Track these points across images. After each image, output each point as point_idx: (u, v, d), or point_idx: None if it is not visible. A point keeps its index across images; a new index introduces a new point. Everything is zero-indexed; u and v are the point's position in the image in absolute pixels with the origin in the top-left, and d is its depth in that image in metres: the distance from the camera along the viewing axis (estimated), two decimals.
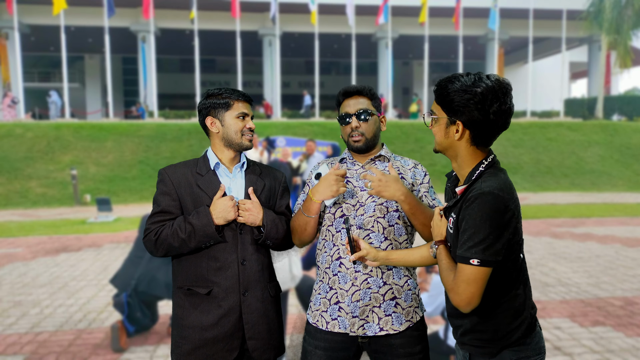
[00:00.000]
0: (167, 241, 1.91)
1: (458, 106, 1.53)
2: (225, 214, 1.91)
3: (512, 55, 33.88)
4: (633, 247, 7.89)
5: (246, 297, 1.96)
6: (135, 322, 4.08)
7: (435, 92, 1.61)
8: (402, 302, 1.96)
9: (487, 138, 1.58)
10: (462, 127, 1.56)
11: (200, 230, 1.89)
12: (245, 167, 2.09)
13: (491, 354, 1.61)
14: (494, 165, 1.60)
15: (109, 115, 24.53)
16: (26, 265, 6.87)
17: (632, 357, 3.84)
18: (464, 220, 1.51)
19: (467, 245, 1.48)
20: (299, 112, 26.09)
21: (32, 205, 13.78)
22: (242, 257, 1.97)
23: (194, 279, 1.96)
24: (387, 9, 24.35)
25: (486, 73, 1.58)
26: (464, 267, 1.49)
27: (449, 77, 1.58)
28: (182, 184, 1.99)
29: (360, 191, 1.99)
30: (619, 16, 23.87)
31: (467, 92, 1.51)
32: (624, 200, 14.29)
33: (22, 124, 18.86)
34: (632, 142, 20.73)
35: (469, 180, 1.58)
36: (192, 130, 18.63)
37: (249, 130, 2.03)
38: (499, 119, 1.53)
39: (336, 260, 1.98)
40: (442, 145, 1.63)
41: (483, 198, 1.47)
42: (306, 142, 10.09)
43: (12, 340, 4.24)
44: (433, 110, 1.63)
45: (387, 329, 1.93)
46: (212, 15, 25.34)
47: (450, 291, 1.54)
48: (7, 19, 23.18)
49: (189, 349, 1.94)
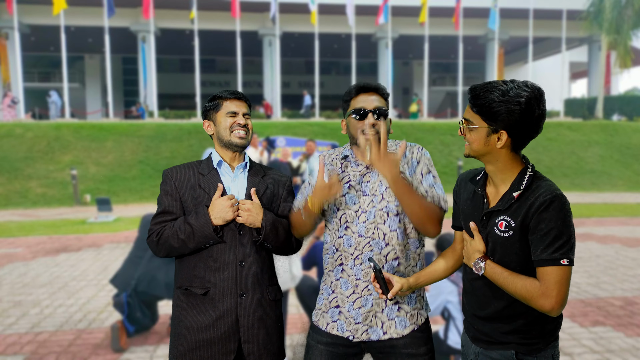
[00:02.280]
0: (168, 242, 1.92)
1: (504, 117, 1.55)
2: (223, 214, 1.90)
3: (512, 55, 33.87)
4: (633, 247, 7.89)
5: (243, 299, 1.94)
6: (135, 322, 4.08)
7: (473, 102, 1.60)
8: (405, 306, 1.94)
9: (524, 143, 1.62)
10: (507, 135, 1.58)
11: (199, 230, 1.88)
12: (249, 168, 2.08)
13: (538, 349, 1.66)
14: (534, 169, 1.65)
15: (109, 115, 24.54)
16: (26, 265, 6.87)
17: (632, 357, 3.84)
18: (542, 223, 1.53)
19: (553, 247, 1.52)
20: (299, 112, 26.09)
21: (32, 205, 13.78)
22: (241, 259, 1.95)
23: (192, 279, 1.96)
24: (387, 9, 24.35)
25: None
26: (554, 270, 1.52)
27: (486, 85, 1.58)
28: (184, 184, 1.99)
29: (362, 196, 1.94)
30: (619, 16, 23.87)
31: (511, 103, 1.53)
32: (624, 200, 14.29)
33: (22, 124, 18.85)
34: (632, 142, 20.73)
35: (518, 184, 1.61)
36: (192, 130, 18.63)
37: (239, 126, 2.00)
38: (538, 125, 1.58)
39: (339, 265, 1.97)
40: (480, 152, 1.64)
41: (559, 201, 1.53)
42: (306, 142, 10.10)
43: (12, 340, 4.24)
44: (469, 119, 1.63)
45: (391, 333, 1.91)
46: (212, 15, 25.34)
47: (541, 297, 1.53)
48: (7, 19, 23.18)
49: (184, 350, 1.92)
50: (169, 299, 4.14)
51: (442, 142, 19.22)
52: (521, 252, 1.60)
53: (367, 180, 1.96)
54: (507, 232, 1.61)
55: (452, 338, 3.36)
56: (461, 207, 1.80)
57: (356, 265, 1.91)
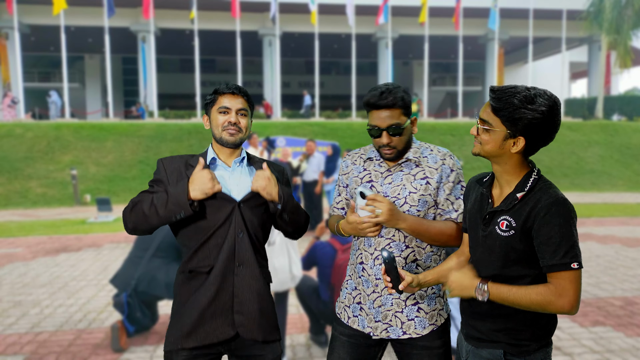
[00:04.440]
0: (141, 207, 1.88)
1: (526, 124, 1.54)
2: (203, 186, 1.86)
3: (512, 55, 33.87)
4: (633, 247, 7.89)
5: (240, 270, 1.94)
6: (135, 322, 4.08)
7: (494, 103, 1.58)
8: (425, 307, 1.95)
9: (537, 150, 1.63)
10: (524, 141, 1.58)
11: (173, 197, 1.85)
12: (247, 162, 2.07)
13: (528, 352, 1.66)
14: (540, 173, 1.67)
15: (109, 115, 24.55)
16: (26, 265, 6.87)
17: (632, 357, 3.84)
18: (546, 227, 1.54)
19: (561, 251, 1.53)
20: (299, 112, 26.10)
21: (32, 205, 13.78)
22: (240, 229, 1.94)
23: (197, 260, 1.95)
24: (387, 9, 24.35)
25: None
26: (565, 273, 1.53)
27: (510, 89, 1.57)
28: (174, 173, 1.99)
29: (383, 197, 1.93)
30: (619, 16, 23.86)
31: (535, 111, 1.52)
32: (624, 200, 14.29)
33: (22, 124, 18.86)
34: (632, 142, 20.73)
35: (522, 186, 1.62)
36: (192, 130, 18.64)
37: (230, 125, 1.96)
38: (553, 132, 1.59)
39: (359, 264, 1.99)
40: (492, 154, 1.64)
41: (562, 204, 1.54)
42: (306, 142, 10.09)
43: (12, 340, 4.24)
44: (488, 121, 1.61)
45: (410, 332, 1.93)
46: (212, 15, 25.35)
47: (559, 298, 1.54)
48: (7, 19, 23.19)
49: (188, 330, 1.91)
50: (169, 299, 4.14)
51: (442, 142, 19.22)
52: (521, 252, 1.60)
53: (389, 182, 1.96)
54: (507, 232, 1.61)
55: (453, 338, 3.36)
56: (468, 209, 1.81)
57: (376, 265, 1.94)
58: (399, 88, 1.90)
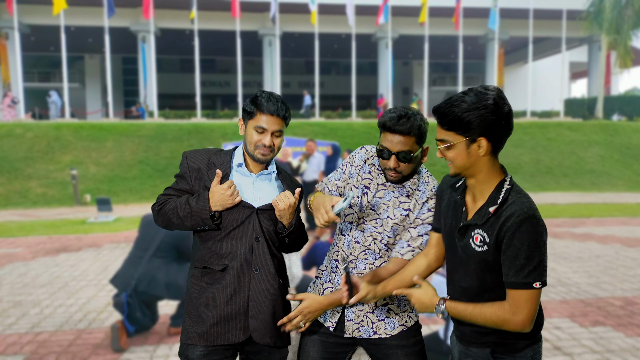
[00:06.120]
0: (168, 215, 1.97)
1: (478, 123, 1.55)
2: (222, 202, 1.91)
3: (512, 55, 33.87)
4: (633, 247, 7.89)
5: (257, 274, 1.96)
6: (135, 322, 4.08)
7: (441, 120, 1.60)
8: (395, 308, 2.00)
9: (502, 144, 1.63)
10: (486, 141, 1.58)
11: (196, 213, 1.91)
12: (277, 175, 2.08)
13: (516, 350, 1.68)
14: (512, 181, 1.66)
15: (109, 115, 24.53)
16: (26, 265, 6.87)
17: (632, 357, 3.84)
18: (513, 247, 1.55)
19: (526, 270, 1.54)
20: (299, 112, 26.08)
21: (32, 205, 13.78)
22: (257, 234, 1.97)
23: (210, 257, 1.97)
24: (387, 9, 24.34)
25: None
26: (524, 292, 1.55)
27: (448, 101, 1.59)
28: (195, 172, 2.01)
29: (370, 209, 1.98)
30: (619, 16, 23.86)
31: (479, 109, 1.54)
32: (624, 200, 14.29)
33: (22, 124, 18.85)
34: (632, 142, 20.72)
35: (495, 198, 1.62)
36: (192, 130, 18.63)
37: (264, 147, 1.96)
38: (509, 121, 1.59)
39: (334, 260, 2.05)
40: (465, 166, 1.64)
41: (531, 222, 1.54)
42: (306, 142, 10.10)
43: (12, 340, 4.24)
44: (444, 139, 1.62)
45: (380, 332, 1.98)
46: (212, 15, 25.34)
47: (512, 317, 1.56)
48: (7, 19, 23.18)
49: (203, 329, 1.94)
50: (169, 299, 4.14)
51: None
52: (496, 264, 1.62)
53: (380, 196, 1.98)
54: (482, 247, 1.63)
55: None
56: (442, 210, 1.82)
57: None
58: (417, 116, 1.87)
